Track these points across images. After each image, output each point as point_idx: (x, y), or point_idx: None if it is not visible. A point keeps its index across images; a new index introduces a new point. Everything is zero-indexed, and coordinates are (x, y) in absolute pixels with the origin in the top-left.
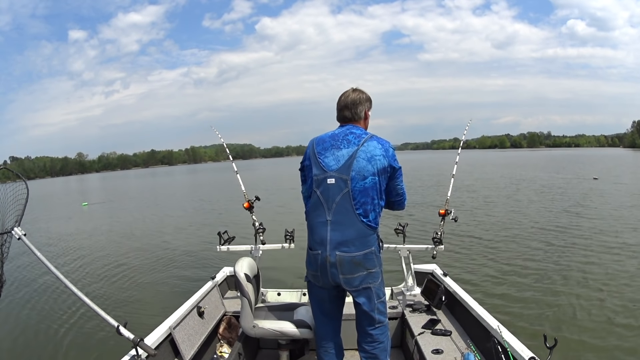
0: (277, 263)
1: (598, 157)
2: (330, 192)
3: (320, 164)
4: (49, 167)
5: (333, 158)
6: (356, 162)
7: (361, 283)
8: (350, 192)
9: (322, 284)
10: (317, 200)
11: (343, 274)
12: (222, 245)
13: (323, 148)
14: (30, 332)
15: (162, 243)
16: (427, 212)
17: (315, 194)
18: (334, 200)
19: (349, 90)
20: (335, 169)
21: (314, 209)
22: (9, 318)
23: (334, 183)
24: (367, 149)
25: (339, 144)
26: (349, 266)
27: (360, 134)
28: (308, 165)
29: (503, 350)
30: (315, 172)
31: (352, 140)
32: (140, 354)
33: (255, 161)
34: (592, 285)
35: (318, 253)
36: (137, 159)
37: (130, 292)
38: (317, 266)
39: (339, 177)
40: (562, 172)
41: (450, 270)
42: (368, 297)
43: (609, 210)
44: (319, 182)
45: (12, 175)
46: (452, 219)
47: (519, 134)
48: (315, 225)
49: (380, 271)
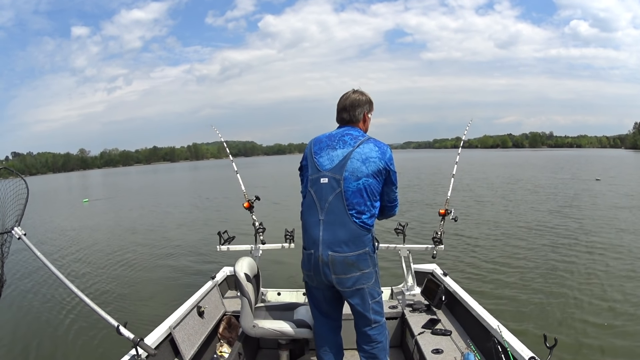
0: (277, 263)
1: (599, 158)
2: (323, 192)
3: (315, 164)
4: (51, 163)
5: (327, 158)
6: (350, 163)
7: (354, 284)
8: (343, 193)
9: (317, 283)
10: (310, 200)
11: (336, 273)
12: (222, 245)
13: (319, 148)
14: (30, 332)
15: (162, 242)
16: (427, 212)
17: (309, 193)
18: (327, 200)
19: (349, 92)
20: (329, 169)
21: (308, 209)
22: (9, 318)
23: (326, 182)
24: (362, 150)
25: (334, 144)
26: (341, 266)
27: (357, 136)
28: (305, 165)
29: (503, 350)
30: (310, 172)
31: (348, 141)
32: (140, 353)
33: (257, 158)
34: (593, 285)
35: (311, 252)
36: (139, 155)
37: (130, 291)
38: (311, 265)
39: (332, 176)
40: (564, 173)
41: (450, 270)
42: (362, 297)
43: (611, 212)
44: (313, 181)
45: (12, 175)
46: (452, 218)
47: (521, 133)
48: (309, 225)
49: (375, 271)
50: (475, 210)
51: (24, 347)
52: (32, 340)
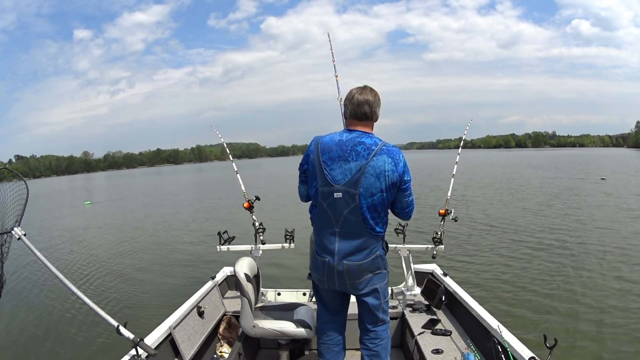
0: (277, 263)
1: (603, 157)
2: (337, 206)
3: (326, 177)
4: (54, 165)
5: (340, 171)
6: (364, 179)
7: (367, 285)
8: (359, 208)
9: (328, 287)
10: (323, 212)
11: (350, 279)
12: (222, 245)
13: (329, 158)
14: (30, 332)
15: (163, 242)
16: (427, 212)
17: (321, 205)
18: (342, 214)
19: (365, 89)
20: (343, 183)
21: (320, 219)
22: (9, 318)
23: (341, 197)
24: (376, 164)
25: (347, 156)
26: (355, 273)
27: (370, 145)
28: (311, 172)
29: (503, 350)
30: (321, 184)
31: (361, 152)
32: (140, 354)
33: (260, 160)
34: (595, 286)
35: (325, 260)
36: (142, 157)
37: (130, 291)
38: (324, 272)
39: (346, 191)
40: (568, 173)
41: (450, 270)
42: (376, 297)
43: (617, 212)
44: (325, 194)
45: (11, 175)
46: (452, 219)
47: (523, 133)
48: (323, 235)
49: (387, 272)
50: (475, 211)
51: (24, 348)
52: (32, 340)
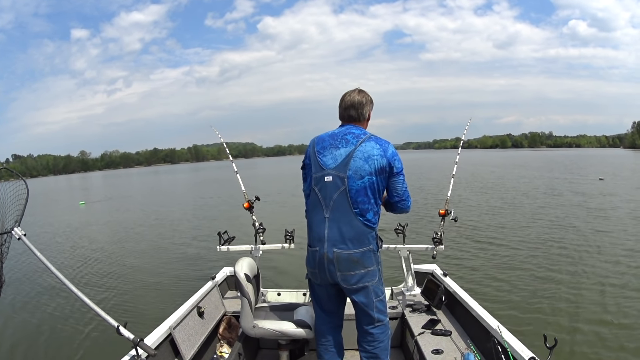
0: (277, 263)
1: (599, 157)
2: (327, 190)
3: (319, 163)
4: (51, 165)
5: (331, 157)
6: (353, 162)
7: (359, 281)
8: (347, 191)
9: (321, 281)
10: (315, 198)
11: (340, 271)
12: (222, 245)
13: (322, 147)
14: (30, 332)
15: (162, 243)
16: (427, 212)
17: (314, 191)
18: (332, 198)
19: (354, 91)
20: (333, 167)
21: (312, 207)
22: (9, 318)
23: (331, 181)
24: (364, 148)
25: (337, 143)
26: (346, 263)
27: (359, 134)
28: (308, 164)
29: (503, 350)
30: (314, 170)
31: (350, 140)
32: (140, 354)
33: (257, 160)
34: (594, 286)
35: (316, 250)
36: (139, 157)
37: (130, 292)
38: (315, 263)
39: (336, 174)
40: (565, 173)
41: (450, 270)
42: (366, 295)
43: (616, 212)
44: (317, 179)
45: (10, 175)
46: (452, 219)
47: (520, 133)
48: (314, 223)
49: (379, 269)
50: (475, 211)
51: (24, 348)
52: (32, 340)
